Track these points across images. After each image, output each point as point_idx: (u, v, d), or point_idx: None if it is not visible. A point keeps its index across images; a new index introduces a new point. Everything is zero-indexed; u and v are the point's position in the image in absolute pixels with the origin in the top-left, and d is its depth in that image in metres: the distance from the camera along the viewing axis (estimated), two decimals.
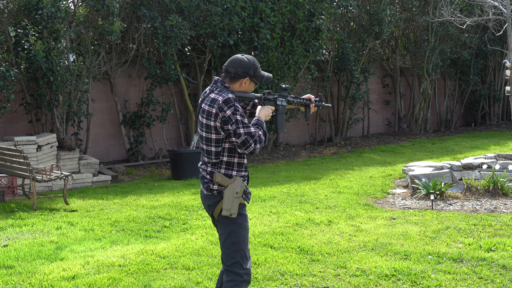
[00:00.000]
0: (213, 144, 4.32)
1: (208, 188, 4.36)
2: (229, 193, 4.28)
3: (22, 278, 5.89)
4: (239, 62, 4.37)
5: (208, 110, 4.29)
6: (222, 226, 4.37)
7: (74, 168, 11.37)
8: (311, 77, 15.46)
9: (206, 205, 4.43)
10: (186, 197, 9.62)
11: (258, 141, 4.28)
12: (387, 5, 15.97)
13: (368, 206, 8.74)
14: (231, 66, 4.37)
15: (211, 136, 4.31)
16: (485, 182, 9.12)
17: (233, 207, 4.28)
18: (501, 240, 6.70)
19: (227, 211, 4.27)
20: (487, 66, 20.32)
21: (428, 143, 16.09)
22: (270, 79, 4.48)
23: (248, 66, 4.37)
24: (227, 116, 4.24)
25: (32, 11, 11.05)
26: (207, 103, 4.32)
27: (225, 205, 4.28)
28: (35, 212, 8.77)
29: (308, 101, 4.70)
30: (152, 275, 5.89)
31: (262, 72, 4.45)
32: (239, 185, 4.29)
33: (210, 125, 4.29)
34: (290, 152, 15.09)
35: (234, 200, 4.27)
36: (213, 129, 4.29)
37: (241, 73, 4.36)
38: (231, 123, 4.25)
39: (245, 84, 4.41)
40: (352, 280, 5.69)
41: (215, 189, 4.34)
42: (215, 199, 4.36)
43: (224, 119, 4.24)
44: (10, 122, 11.91)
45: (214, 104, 4.27)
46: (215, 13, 12.96)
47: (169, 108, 13.67)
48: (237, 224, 4.34)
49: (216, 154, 4.32)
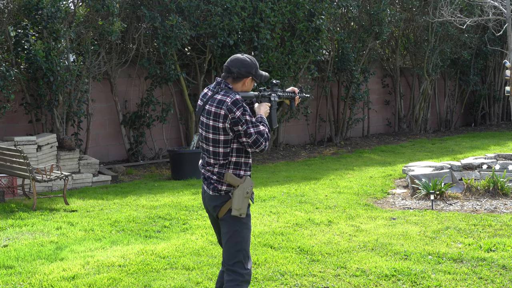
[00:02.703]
0: (222, 145, 4.31)
1: (215, 189, 4.34)
2: (240, 193, 4.27)
3: (22, 278, 5.89)
4: (242, 62, 4.38)
5: (216, 112, 4.28)
6: (227, 225, 4.35)
7: (74, 168, 11.36)
8: (311, 77, 15.45)
9: (211, 206, 4.40)
10: (186, 197, 9.62)
11: (267, 138, 4.33)
12: (387, 5, 15.97)
13: (368, 206, 8.74)
14: (233, 66, 4.37)
15: (219, 138, 4.30)
16: (485, 182, 9.12)
17: (243, 207, 4.28)
18: (501, 240, 6.70)
19: (237, 211, 4.27)
20: (487, 66, 20.33)
21: (428, 143, 16.09)
22: (267, 78, 4.51)
23: (251, 66, 4.39)
24: (237, 117, 4.24)
25: (32, 11, 11.04)
26: (214, 104, 4.30)
27: (236, 205, 4.26)
28: (35, 212, 8.77)
29: (293, 94, 4.80)
30: (152, 275, 5.89)
31: (261, 72, 4.49)
32: (249, 185, 4.30)
33: (219, 127, 4.28)
34: (290, 152, 15.09)
35: (244, 200, 4.27)
36: (222, 130, 4.28)
37: (245, 73, 4.38)
38: (241, 123, 4.25)
39: (247, 84, 4.43)
40: (352, 280, 5.69)
41: (223, 190, 4.33)
42: (222, 199, 4.35)
43: (234, 120, 4.24)
44: (10, 122, 11.91)
45: (222, 105, 4.26)
46: (215, 13, 12.96)
47: (169, 108, 13.67)
48: (242, 223, 4.34)
49: (224, 155, 4.31)
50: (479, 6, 16.06)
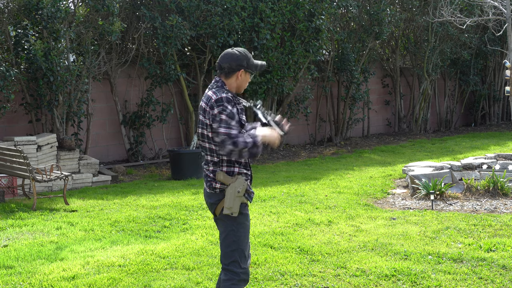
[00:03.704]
0: (209, 141, 4.32)
1: (210, 186, 4.37)
2: (231, 192, 4.28)
3: (22, 278, 5.88)
4: (231, 56, 4.37)
5: (203, 107, 4.33)
6: (223, 224, 4.37)
7: (74, 168, 11.36)
8: (311, 77, 15.46)
9: (208, 203, 4.45)
10: (186, 197, 9.62)
11: (236, 145, 4.16)
12: (387, 5, 15.98)
13: (368, 206, 8.74)
14: (223, 62, 4.36)
15: (206, 133, 4.32)
16: (485, 182, 9.11)
17: (235, 206, 4.28)
18: (501, 240, 6.70)
19: (228, 210, 4.28)
20: (487, 66, 20.33)
21: (428, 143, 16.09)
22: (264, 66, 4.49)
23: (240, 58, 4.36)
24: (214, 114, 4.24)
25: (32, 11, 11.05)
26: (204, 100, 4.37)
27: (227, 204, 4.28)
28: (35, 212, 8.76)
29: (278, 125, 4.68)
30: (152, 275, 5.89)
31: (255, 61, 4.45)
32: (241, 184, 4.29)
33: (206, 123, 4.31)
34: (290, 152, 15.09)
35: (235, 199, 4.27)
36: (208, 126, 4.30)
37: (235, 66, 4.36)
38: (216, 121, 4.24)
39: (241, 77, 4.40)
40: (352, 280, 5.69)
41: (217, 188, 4.35)
42: (217, 197, 4.37)
43: (212, 117, 4.25)
44: (10, 122, 11.91)
45: (208, 101, 4.30)
46: (215, 13, 12.97)
47: (169, 108, 13.67)
48: (238, 223, 4.35)
49: (216, 152, 4.32)
50: (479, 6, 16.05)
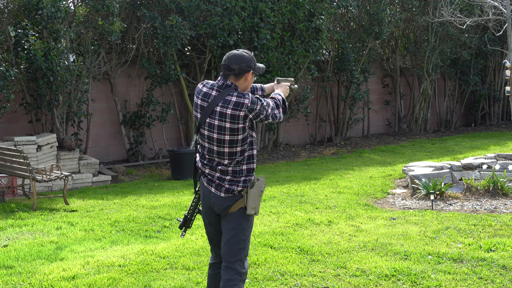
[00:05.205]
0: (239, 144, 4.33)
1: (229, 190, 4.32)
2: (256, 191, 4.33)
3: (22, 278, 5.88)
4: (241, 57, 4.37)
5: (233, 114, 4.26)
6: (234, 220, 4.33)
7: (74, 168, 11.36)
8: (311, 77, 15.46)
9: (222, 206, 4.35)
10: (186, 197, 9.62)
11: (284, 111, 4.52)
12: (387, 5, 15.98)
13: (368, 206, 8.74)
14: (233, 63, 4.35)
15: (237, 138, 4.31)
16: (485, 182, 9.12)
17: (258, 206, 4.34)
18: (501, 240, 6.70)
19: (253, 210, 4.30)
20: (487, 66, 20.32)
21: (428, 143, 16.09)
22: (264, 69, 4.59)
23: (250, 60, 4.40)
24: (258, 109, 4.31)
25: (32, 11, 11.05)
26: (230, 107, 4.28)
27: (251, 204, 4.29)
28: (35, 212, 8.77)
29: None
30: (152, 275, 5.89)
31: (258, 64, 4.54)
32: (263, 183, 4.37)
33: (238, 128, 4.28)
34: (290, 152, 15.09)
35: (259, 198, 4.34)
36: (241, 130, 4.29)
37: (246, 68, 4.37)
38: (261, 113, 4.33)
39: (249, 78, 4.44)
40: (352, 280, 5.69)
41: (237, 190, 4.33)
42: (234, 198, 4.34)
43: (256, 114, 4.32)
44: (10, 122, 11.91)
45: (242, 108, 4.27)
46: (215, 13, 12.97)
47: (169, 108, 13.67)
48: (249, 222, 4.37)
49: (241, 153, 4.35)
50: (479, 6, 16.05)
